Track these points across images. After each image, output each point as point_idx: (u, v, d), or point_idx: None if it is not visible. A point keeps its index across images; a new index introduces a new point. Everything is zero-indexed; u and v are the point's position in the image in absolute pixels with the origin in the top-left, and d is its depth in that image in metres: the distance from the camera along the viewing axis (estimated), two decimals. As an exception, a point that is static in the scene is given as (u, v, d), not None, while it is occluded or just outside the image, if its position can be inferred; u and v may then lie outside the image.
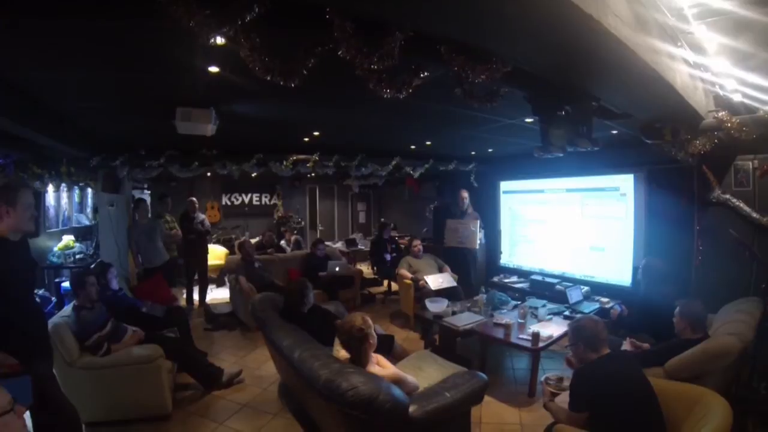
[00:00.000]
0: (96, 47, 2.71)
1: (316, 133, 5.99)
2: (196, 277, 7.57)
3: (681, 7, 2.73)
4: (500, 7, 1.78)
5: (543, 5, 1.76)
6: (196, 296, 7.57)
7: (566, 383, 2.92)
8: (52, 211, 6.72)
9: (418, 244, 6.93)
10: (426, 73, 2.68)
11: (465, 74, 2.36)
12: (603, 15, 1.97)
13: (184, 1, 1.65)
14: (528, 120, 4.73)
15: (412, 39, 2.17)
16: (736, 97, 3.96)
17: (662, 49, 2.86)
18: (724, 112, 4.01)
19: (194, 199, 7.71)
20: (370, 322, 2.98)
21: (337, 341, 3.21)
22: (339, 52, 2.03)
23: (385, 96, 2.54)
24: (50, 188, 6.40)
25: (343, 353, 3.02)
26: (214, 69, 3.12)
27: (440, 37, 2.28)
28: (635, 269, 5.61)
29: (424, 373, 3.45)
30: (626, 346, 3.70)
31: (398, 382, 2.82)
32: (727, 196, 4.65)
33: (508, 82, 2.85)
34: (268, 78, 2.15)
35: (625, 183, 6.37)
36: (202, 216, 7.65)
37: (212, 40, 1.85)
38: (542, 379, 3.07)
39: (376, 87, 2.44)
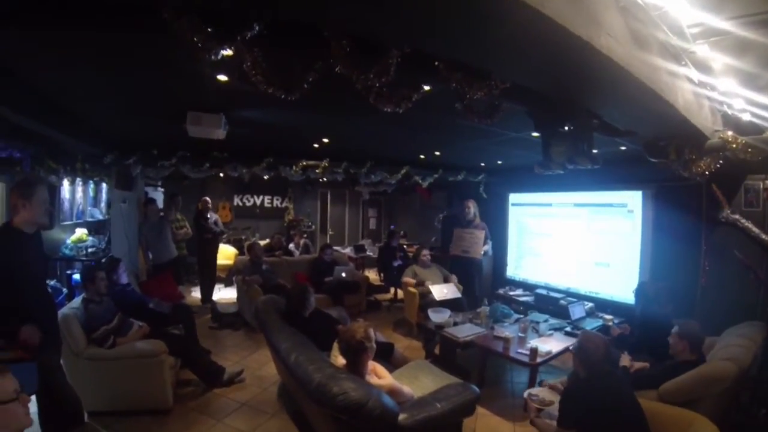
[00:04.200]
0: (109, 54, 2.81)
1: (325, 140, 6.06)
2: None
3: (680, 26, 2.70)
4: (485, 29, 1.82)
5: (530, 27, 1.78)
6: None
7: (549, 397, 2.94)
8: (66, 204, 6.84)
9: (426, 253, 6.95)
10: (427, 88, 2.74)
11: (463, 90, 2.41)
12: (594, 36, 2.00)
13: (188, 19, 1.73)
14: (534, 134, 4.72)
15: (411, 55, 2.23)
16: (745, 117, 3.90)
17: (662, 67, 2.85)
18: (729, 133, 3.97)
19: (208, 198, 7.82)
20: (372, 334, 3.01)
21: (336, 347, 3.25)
22: (336, 69, 2.09)
23: (386, 110, 2.60)
24: (65, 182, 6.54)
25: (340, 360, 3.08)
26: (222, 77, 3.21)
27: (437, 54, 2.33)
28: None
29: (419, 382, 3.49)
30: (624, 361, 3.69)
31: (393, 393, 2.86)
32: (737, 216, 4.60)
33: (507, 98, 2.89)
34: (270, 91, 2.22)
35: (633, 199, 6.36)
36: (215, 216, 7.77)
37: (215, 57, 1.91)
38: (525, 394, 3.06)
39: (375, 101, 2.50)
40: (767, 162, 4.05)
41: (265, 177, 7.47)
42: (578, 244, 7.09)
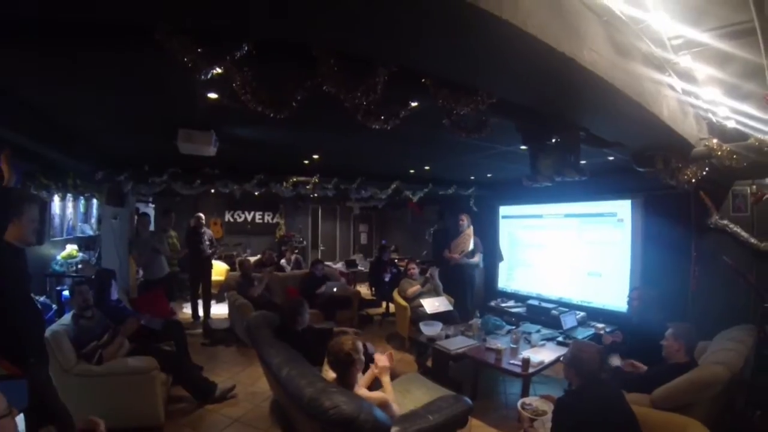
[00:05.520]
0: (102, 74, 2.85)
1: (315, 156, 6.10)
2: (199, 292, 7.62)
3: (662, 38, 2.76)
4: (469, 48, 1.85)
5: (513, 45, 1.82)
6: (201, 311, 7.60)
7: (542, 407, 2.92)
8: (57, 220, 6.75)
9: (413, 267, 6.95)
10: (414, 104, 2.77)
11: (450, 106, 2.44)
12: (577, 51, 2.04)
13: (178, 40, 1.75)
14: (523, 147, 4.74)
15: (398, 73, 2.25)
16: (730, 124, 3.95)
17: (646, 78, 2.90)
18: (714, 140, 4.02)
19: (201, 215, 7.74)
20: (360, 346, 3.00)
21: (326, 361, 3.25)
22: (324, 87, 2.12)
23: (374, 127, 2.62)
24: (56, 198, 6.49)
25: (331, 374, 3.07)
26: (213, 96, 3.23)
27: (423, 71, 2.36)
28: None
29: (411, 395, 3.49)
30: (615, 361, 3.69)
31: (383, 406, 2.86)
32: (725, 222, 4.66)
33: (495, 113, 2.92)
34: (259, 110, 2.24)
35: (622, 209, 6.42)
36: (209, 232, 7.71)
37: (205, 76, 1.93)
38: (518, 404, 3.04)
39: (364, 118, 2.52)
40: (753, 168, 4.10)
41: (256, 193, 7.46)
42: (570, 255, 7.13)
